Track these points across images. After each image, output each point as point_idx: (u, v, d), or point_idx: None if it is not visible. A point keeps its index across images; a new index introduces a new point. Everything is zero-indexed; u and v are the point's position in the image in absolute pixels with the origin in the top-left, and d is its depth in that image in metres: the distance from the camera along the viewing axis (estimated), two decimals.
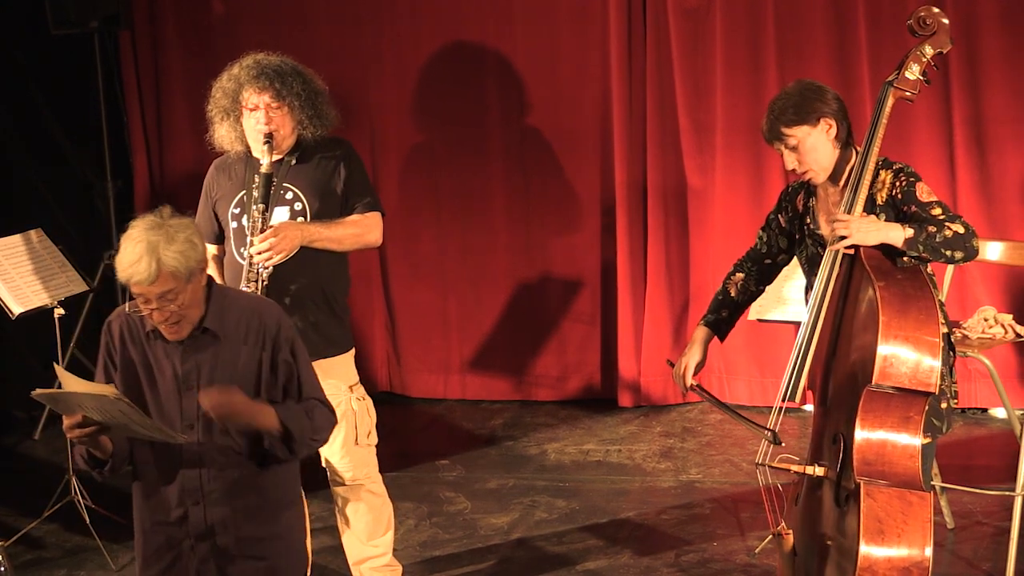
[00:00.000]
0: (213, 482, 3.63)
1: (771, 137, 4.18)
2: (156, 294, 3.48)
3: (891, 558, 3.80)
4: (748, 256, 4.49)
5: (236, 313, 3.65)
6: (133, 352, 3.66)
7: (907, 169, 4.15)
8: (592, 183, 7.04)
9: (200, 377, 3.61)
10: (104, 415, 3.47)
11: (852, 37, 6.55)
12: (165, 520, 3.68)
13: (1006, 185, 6.50)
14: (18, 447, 6.88)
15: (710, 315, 4.48)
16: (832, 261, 4.07)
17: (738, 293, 4.47)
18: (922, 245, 3.96)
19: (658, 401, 7.03)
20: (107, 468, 3.66)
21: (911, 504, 3.84)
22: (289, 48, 6.89)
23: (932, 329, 3.87)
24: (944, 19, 4.16)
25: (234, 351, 3.63)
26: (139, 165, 7.48)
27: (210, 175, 4.83)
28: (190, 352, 3.61)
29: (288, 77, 4.66)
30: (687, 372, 4.38)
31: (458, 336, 7.29)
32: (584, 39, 6.93)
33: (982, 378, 6.45)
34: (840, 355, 4.07)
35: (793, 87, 4.23)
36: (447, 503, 5.97)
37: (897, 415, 3.87)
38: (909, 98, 4.22)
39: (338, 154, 4.77)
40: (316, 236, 4.62)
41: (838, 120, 4.16)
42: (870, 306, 3.91)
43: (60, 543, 5.71)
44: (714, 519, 5.66)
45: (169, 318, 3.53)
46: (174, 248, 3.45)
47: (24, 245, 5.85)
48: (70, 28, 7.02)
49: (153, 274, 3.44)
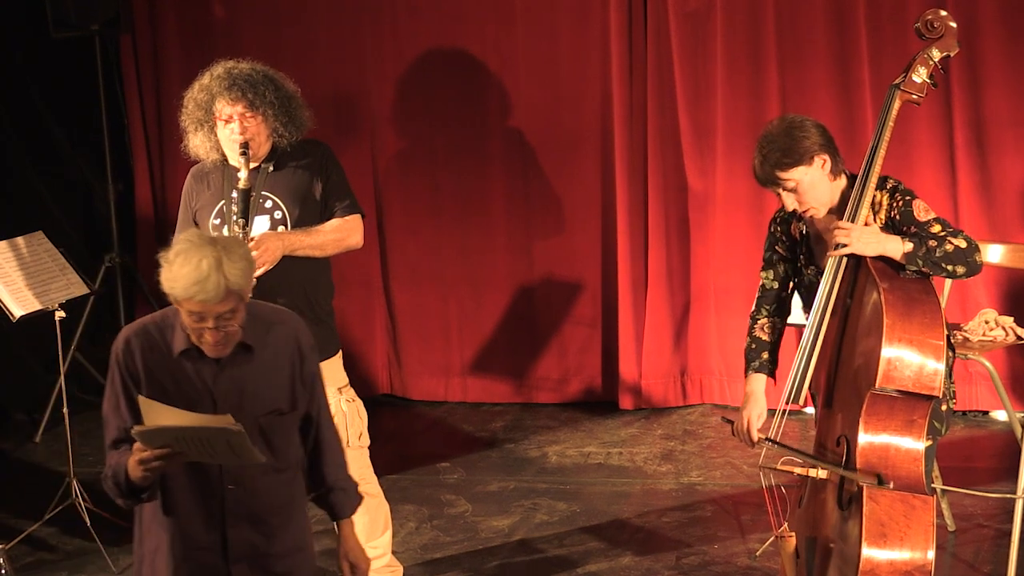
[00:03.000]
0: (243, 504, 3.54)
1: (767, 182, 4.12)
2: (217, 313, 3.35)
3: (893, 561, 3.80)
4: (762, 301, 4.37)
5: (263, 325, 3.56)
6: (156, 369, 3.50)
7: (901, 187, 4.13)
8: (593, 185, 7.03)
9: (236, 395, 3.50)
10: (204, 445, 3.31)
11: (853, 39, 6.54)
12: (197, 544, 3.56)
13: (1007, 188, 6.50)
14: (19, 450, 6.88)
15: (754, 362, 4.33)
16: (836, 264, 4.06)
17: (768, 334, 4.35)
18: (921, 259, 3.96)
19: (659, 404, 7.02)
20: (145, 495, 3.50)
21: (914, 508, 3.84)
22: (289, 50, 6.99)
23: (937, 332, 3.87)
24: (952, 22, 4.16)
25: (267, 365, 3.54)
26: (140, 168, 7.48)
27: (188, 184, 4.81)
28: (224, 368, 3.50)
29: (260, 86, 4.63)
30: (751, 427, 4.23)
31: (459, 339, 7.29)
32: (584, 41, 6.93)
33: (983, 380, 6.45)
34: (844, 358, 4.07)
35: (777, 128, 4.14)
36: (448, 506, 5.97)
37: (901, 418, 3.87)
38: (916, 101, 4.21)
39: (315, 159, 4.75)
40: (298, 244, 4.61)
41: (829, 153, 4.12)
42: (875, 309, 3.91)
43: (61, 546, 5.71)
44: (715, 522, 5.66)
45: (223, 338, 3.41)
46: (238, 266, 3.34)
47: (25, 248, 5.84)
48: (71, 31, 7.02)
49: (222, 291, 3.31)
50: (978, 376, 6.48)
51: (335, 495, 3.72)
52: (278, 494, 3.60)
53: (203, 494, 3.54)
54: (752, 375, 4.31)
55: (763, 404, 4.24)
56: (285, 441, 3.60)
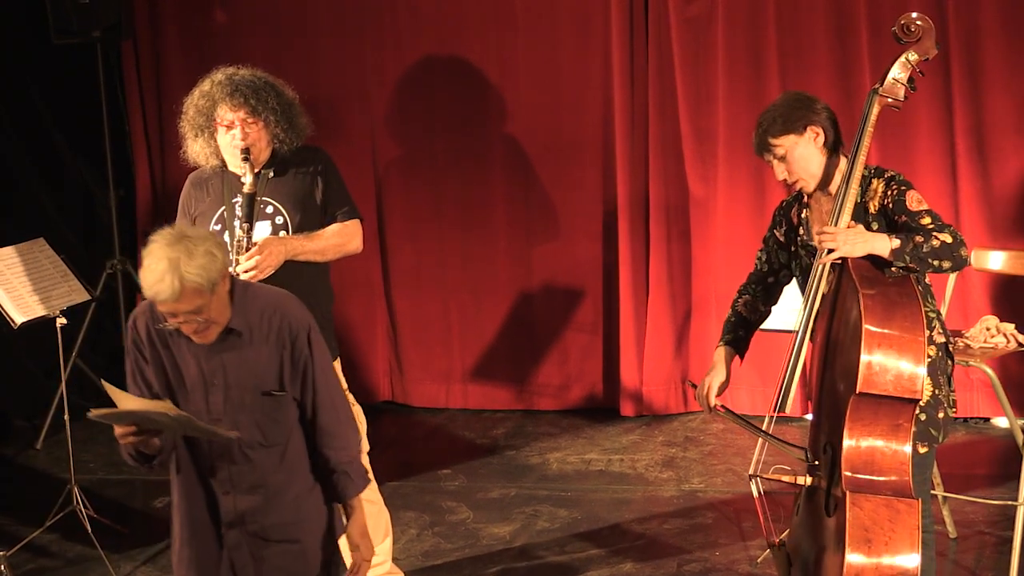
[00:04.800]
0: (240, 474, 3.72)
1: (760, 149, 4.19)
2: (182, 310, 3.51)
3: (879, 566, 3.79)
4: (751, 279, 4.47)
5: (259, 310, 3.70)
6: (160, 348, 3.70)
7: (899, 177, 4.15)
8: (594, 192, 7.04)
9: (225, 374, 3.67)
10: (161, 424, 3.53)
11: (854, 45, 6.54)
12: (200, 507, 3.77)
13: (1008, 194, 6.50)
14: (20, 456, 6.88)
15: (727, 335, 4.43)
16: (819, 273, 4.08)
17: (748, 313, 4.44)
18: (908, 255, 3.97)
19: (660, 410, 7.02)
20: (155, 462, 3.73)
21: (899, 512, 3.83)
22: (291, 57, 7.00)
23: (917, 335, 3.87)
24: (929, 25, 4.16)
25: (257, 349, 3.69)
26: (141, 174, 7.49)
27: (186, 191, 4.83)
28: (215, 351, 3.67)
29: (262, 92, 4.65)
30: (710, 393, 4.32)
31: (460, 345, 7.29)
32: (586, 47, 6.93)
33: (984, 387, 6.46)
34: (830, 365, 4.09)
35: (781, 98, 4.24)
36: (449, 512, 5.97)
37: (886, 423, 3.87)
38: (895, 105, 4.22)
39: (315, 164, 4.77)
40: (300, 250, 4.64)
41: (826, 127, 4.16)
42: (856, 315, 3.91)
43: (62, 553, 5.71)
44: (716, 528, 5.66)
45: (197, 328, 3.57)
46: (195, 264, 3.47)
47: (26, 254, 5.84)
48: (72, 37, 7.03)
49: (177, 292, 3.46)
50: (979, 383, 6.48)
51: (337, 478, 3.82)
52: (267, 468, 3.74)
53: (198, 464, 3.76)
54: (722, 347, 4.41)
55: (725, 374, 4.35)
56: (275, 419, 3.73)
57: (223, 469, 3.73)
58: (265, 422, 3.71)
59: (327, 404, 3.79)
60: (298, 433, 3.78)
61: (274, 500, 3.76)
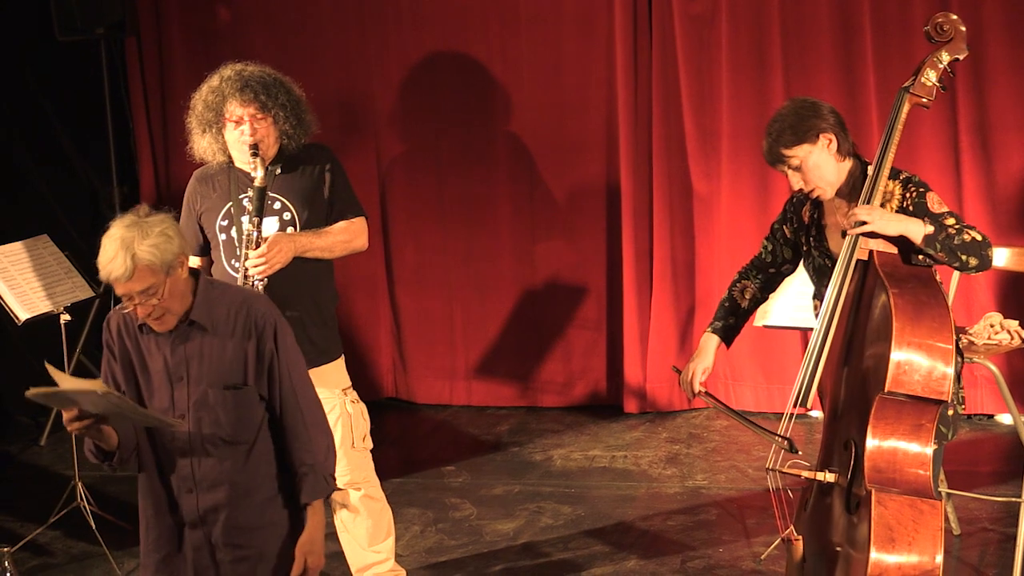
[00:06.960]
0: (203, 471, 3.72)
1: (773, 160, 4.17)
2: (136, 290, 3.55)
3: (902, 565, 3.80)
4: (753, 265, 4.48)
5: (225, 305, 3.73)
6: (129, 345, 3.75)
7: (915, 179, 4.14)
8: (597, 189, 7.03)
9: (189, 368, 3.69)
10: (98, 408, 3.55)
11: (858, 43, 6.54)
12: (163, 509, 3.78)
13: (1011, 191, 6.49)
14: (24, 453, 6.89)
15: (717, 322, 4.46)
16: (845, 267, 4.05)
17: (744, 301, 4.46)
18: (940, 244, 3.96)
19: (664, 407, 7.02)
20: (115, 460, 3.74)
21: (922, 512, 3.83)
22: (294, 55, 6.99)
23: (946, 336, 3.87)
24: (961, 26, 4.16)
25: (223, 342, 3.71)
26: (145, 171, 7.49)
27: (191, 187, 4.83)
28: (179, 344, 3.71)
29: (272, 88, 4.66)
30: (694, 378, 4.36)
31: (463, 342, 7.29)
32: (589, 45, 6.93)
33: (988, 384, 6.45)
34: (852, 361, 4.07)
35: (787, 107, 4.21)
36: (453, 509, 5.97)
37: (909, 423, 3.87)
38: (925, 104, 4.22)
39: (322, 162, 4.78)
40: (308, 246, 4.65)
41: (837, 133, 4.14)
42: (883, 312, 3.90)
43: (66, 549, 5.71)
44: (720, 525, 5.66)
45: (152, 312, 3.61)
46: (148, 243, 3.54)
47: (30, 251, 5.85)
48: (76, 34, 7.04)
49: (129, 270, 3.52)
50: (983, 380, 6.48)
51: (299, 480, 3.81)
52: (231, 466, 3.73)
53: (160, 460, 3.77)
54: (710, 333, 4.44)
55: (710, 360, 4.39)
56: (239, 416, 3.73)
57: (185, 466, 3.73)
58: (230, 419, 3.71)
59: (292, 403, 3.77)
60: (266, 435, 3.77)
61: (237, 501, 3.74)
